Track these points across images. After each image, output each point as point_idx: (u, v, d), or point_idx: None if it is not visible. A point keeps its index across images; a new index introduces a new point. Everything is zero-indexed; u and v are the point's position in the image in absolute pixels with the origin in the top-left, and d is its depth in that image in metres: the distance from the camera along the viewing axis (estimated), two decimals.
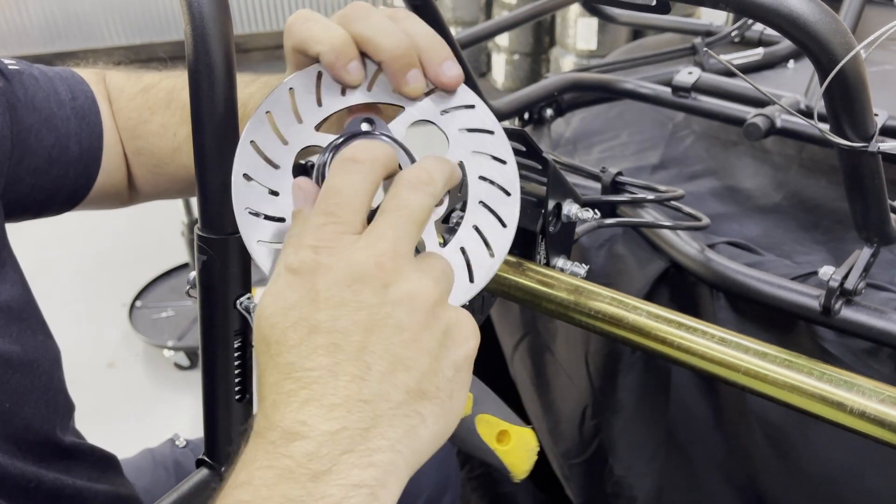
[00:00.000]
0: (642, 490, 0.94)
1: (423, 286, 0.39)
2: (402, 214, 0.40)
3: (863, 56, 0.48)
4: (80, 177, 0.70)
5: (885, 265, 0.76)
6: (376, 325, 0.38)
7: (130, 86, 0.76)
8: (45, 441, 0.62)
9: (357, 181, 0.40)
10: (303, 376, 0.37)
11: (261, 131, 0.46)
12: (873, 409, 0.49)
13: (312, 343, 0.37)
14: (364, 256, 0.38)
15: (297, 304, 0.38)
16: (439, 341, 0.39)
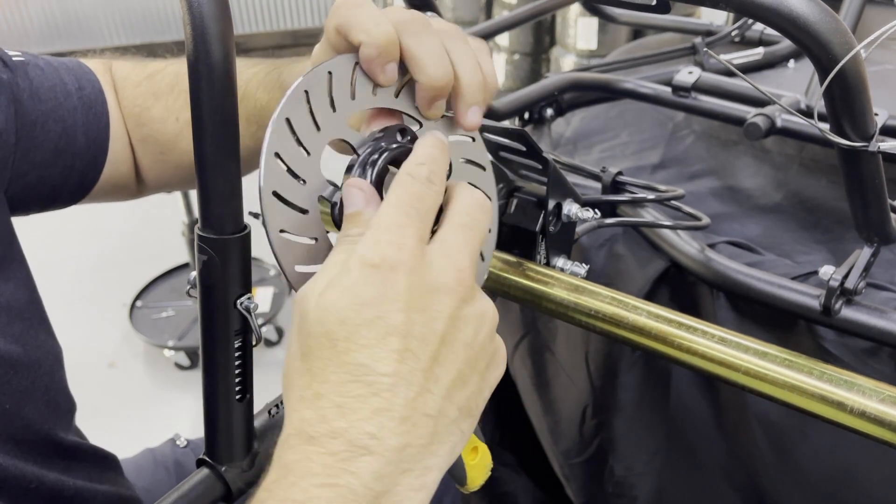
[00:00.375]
0: (643, 490, 0.94)
1: (490, 308, 0.40)
2: (475, 234, 0.41)
3: (863, 56, 0.48)
4: (87, 168, 0.70)
5: (885, 265, 0.76)
6: (449, 338, 0.37)
7: (136, 73, 0.75)
8: (46, 441, 0.62)
9: (434, 196, 0.41)
10: (375, 381, 0.35)
11: (297, 111, 0.43)
12: (873, 408, 0.49)
13: (387, 346, 0.36)
14: (446, 266, 0.38)
15: (374, 300, 0.36)
16: (488, 363, 0.40)
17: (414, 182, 0.40)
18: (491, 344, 0.40)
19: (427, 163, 0.41)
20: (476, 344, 0.38)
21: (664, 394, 0.87)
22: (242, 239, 0.50)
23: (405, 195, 0.40)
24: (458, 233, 0.40)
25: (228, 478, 0.54)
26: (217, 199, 0.48)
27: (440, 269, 0.37)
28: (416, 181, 0.40)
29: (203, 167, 0.47)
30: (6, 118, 0.62)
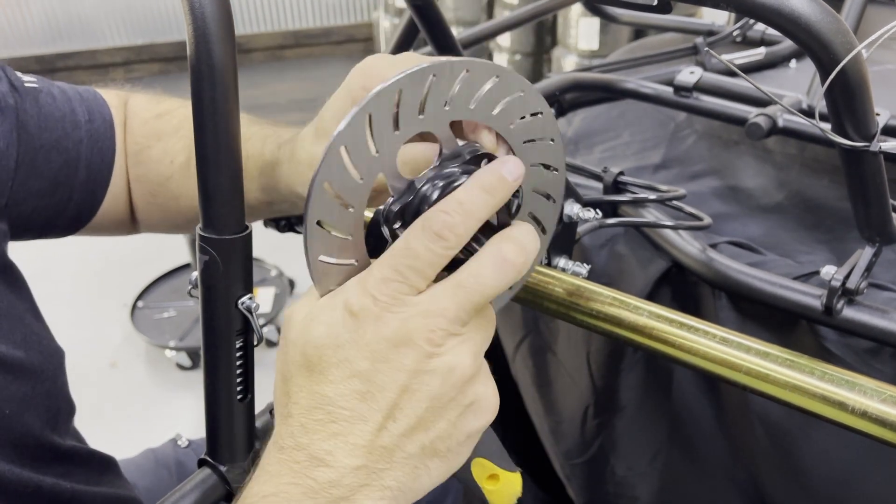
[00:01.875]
0: (644, 490, 0.94)
1: (462, 362, 0.41)
2: (473, 295, 0.41)
3: (864, 56, 0.48)
4: (85, 202, 0.70)
5: (887, 265, 0.76)
6: (411, 389, 0.40)
7: (147, 111, 0.75)
8: (45, 446, 0.62)
9: (439, 251, 0.40)
10: (334, 411, 0.40)
11: (354, 139, 0.41)
12: (875, 408, 0.49)
13: (350, 386, 0.40)
14: (417, 325, 0.40)
15: (347, 344, 0.40)
16: (460, 412, 0.42)
17: (418, 234, 0.40)
18: (463, 395, 0.41)
19: (450, 212, 0.40)
20: (444, 396, 0.41)
21: (666, 394, 0.87)
22: (244, 239, 0.50)
23: (403, 248, 0.40)
24: (448, 292, 0.40)
25: (230, 478, 0.54)
26: (218, 199, 0.49)
27: (413, 327, 0.40)
28: (421, 235, 0.40)
29: (204, 167, 0.48)
30: (7, 144, 0.61)
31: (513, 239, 0.42)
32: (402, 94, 0.41)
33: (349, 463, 0.39)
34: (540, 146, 0.46)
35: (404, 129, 0.42)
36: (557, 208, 0.49)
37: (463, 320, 0.41)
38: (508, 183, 0.42)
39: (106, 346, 2.39)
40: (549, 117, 0.46)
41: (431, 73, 0.41)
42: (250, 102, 3.86)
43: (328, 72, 4.40)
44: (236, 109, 0.48)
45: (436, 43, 0.83)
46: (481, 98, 0.43)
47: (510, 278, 0.41)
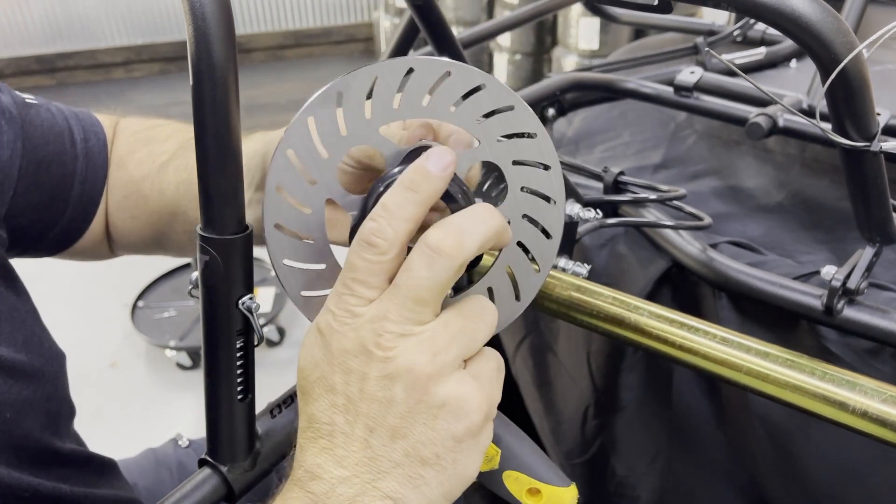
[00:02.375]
0: (644, 490, 0.94)
1: (418, 361, 0.40)
2: (409, 290, 0.40)
3: (865, 55, 0.48)
4: (77, 218, 0.70)
5: (888, 265, 0.76)
6: (376, 397, 0.41)
7: (138, 124, 0.76)
8: (45, 450, 0.61)
9: (374, 259, 0.40)
10: (320, 428, 0.42)
11: (323, 113, 0.42)
12: (875, 408, 0.49)
13: (330, 401, 0.42)
14: (367, 332, 0.40)
15: (320, 362, 0.42)
16: (433, 414, 0.41)
17: (354, 248, 0.41)
18: (429, 395, 0.40)
19: (376, 217, 0.40)
20: (409, 399, 0.40)
21: (666, 394, 0.87)
22: (244, 239, 0.50)
23: (347, 263, 0.42)
24: (387, 295, 0.41)
25: (230, 478, 0.54)
26: (219, 199, 0.48)
27: (364, 334, 0.41)
28: (356, 247, 0.41)
29: (205, 167, 0.47)
30: (11, 153, 0.62)
31: (442, 225, 0.41)
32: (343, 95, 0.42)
33: (338, 474, 0.41)
34: (521, 144, 0.44)
35: (334, 154, 0.43)
36: (559, 210, 0.46)
37: (410, 319, 0.40)
38: (433, 175, 0.41)
39: (106, 345, 2.39)
40: (524, 112, 0.44)
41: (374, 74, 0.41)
42: (250, 102, 3.86)
43: (328, 72, 4.40)
44: (237, 109, 0.47)
45: (436, 43, 0.83)
46: (437, 95, 0.42)
47: (443, 264, 0.40)
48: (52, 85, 4.27)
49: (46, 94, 2.41)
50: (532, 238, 0.46)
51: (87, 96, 4.18)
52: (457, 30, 3.57)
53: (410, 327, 0.40)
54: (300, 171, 0.42)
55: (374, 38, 4.52)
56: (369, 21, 4.56)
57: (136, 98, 4.14)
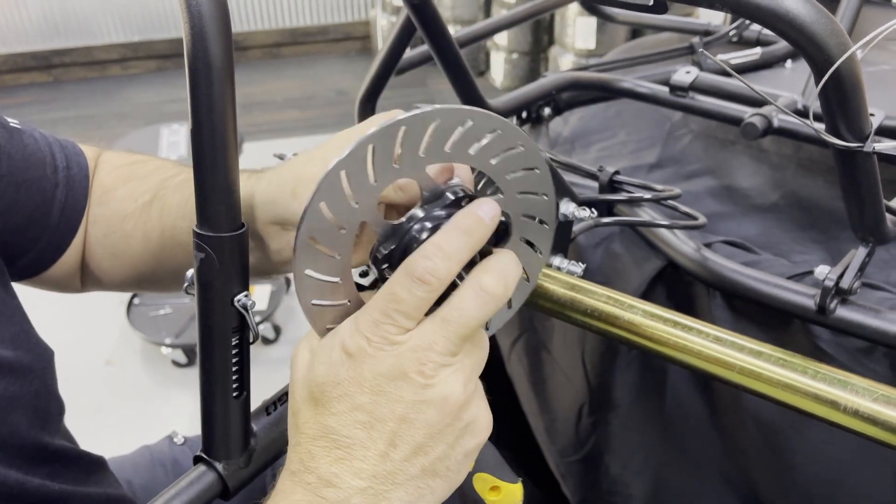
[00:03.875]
0: (638, 488, 0.94)
1: (454, 390, 0.44)
2: (459, 328, 0.43)
3: (858, 56, 0.48)
4: (51, 245, 0.69)
5: (881, 265, 0.77)
6: (408, 419, 0.43)
7: (120, 159, 0.75)
8: (32, 447, 0.61)
9: (422, 295, 0.43)
10: (338, 440, 0.44)
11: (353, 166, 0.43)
12: (867, 407, 0.49)
13: (353, 417, 0.44)
14: (409, 360, 0.43)
15: (346, 381, 0.44)
16: (457, 435, 0.45)
17: (403, 282, 0.43)
18: (459, 420, 0.45)
19: (431, 256, 0.43)
20: (441, 423, 0.44)
21: (660, 393, 0.88)
22: (239, 237, 0.50)
23: (390, 294, 0.43)
24: (435, 328, 0.43)
25: (226, 474, 0.54)
26: (214, 197, 0.49)
27: (405, 362, 0.43)
28: (405, 280, 0.43)
29: (201, 165, 0.48)
30: None
31: (491, 270, 0.45)
32: (375, 148, 0.43)
33: (355, 484, 0.43)
34: (529, 178, 0.49)
35: (381, 181, 0.44)
36: (550, 233, 0.52)
37: (452, 351, 0.44)
38: (485, 224, 0.45)
39: (102, 343, 2.39)
40: (532, 150, 0.48)
41: (402, 126, 0.43)
42: (247, 100, 3.85)
43: (325, 70, 4.40)
44: (232, 107, 0.48)
45: (432, 41, 0.83)
46: (456, 141, 0.45)
47: (492, 307, 0.44)
48: (48, 82, 4.26)
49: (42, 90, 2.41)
50: (526, 255, 0.51)
51: (83, 93, 4.17)
52: (454, 28, 3.57)
53: (450, 359, 0.44)
54: (343, 195, 0.44)
55: (371, 37, 4.51)
56: (366, 19, 4.55)
57: (132, 95, 4.13)
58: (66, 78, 4.29)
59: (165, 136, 2.46)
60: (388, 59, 0.91)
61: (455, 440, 0.45)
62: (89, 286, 0.76)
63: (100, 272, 0.73)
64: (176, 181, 0.68)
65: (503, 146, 0.47)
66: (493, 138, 0.46)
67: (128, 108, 4.00)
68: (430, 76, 3.91)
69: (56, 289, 0.74)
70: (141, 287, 0.75)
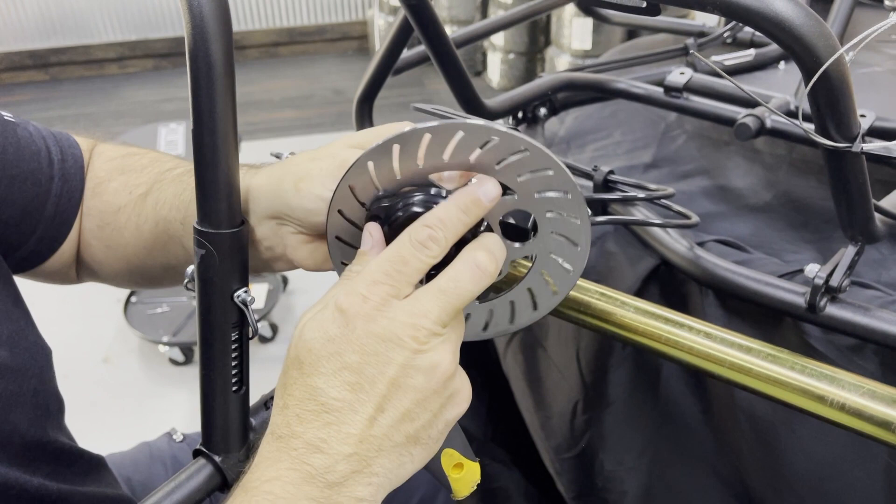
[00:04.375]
0: (632, 484, 0.95)
1: (445, 359, 0.45)
2: (453, 299, 0.45)
3: (847, 58, 0.49)
4: (47, 238, 0.69)
5: (872, 264, 0.77)
6: (398, 382, 0.44)
7: (114, 151, 0.75)
8: (32, 445, 0.61)
9: (424, 259, 0.46)
10: (327, 402, 0.44)
11: (381, 159, 0.48)
12: (853, 401, 0.50)
13: (341, 378, 0.44)
14: (403, 324, 0.44)
15: (336, 338, 0.44)
16: (441, 403, 0.46)
17: (406, 245, 0.46)
18: (445, 389, 0.46)
19: (432, 225, 0.46)
20: (427, 389, 0.45)
21: (653, 390, 0.89)
22: (240, 234, 0.51)
23: (393, 255, 0.46)
24: (431, 296, 0.45)
25: (225, 468, 0.55)
26: (215, 194, 0.50)
27: (399, 325, 0.44)
28: (409, 244, 0.46)
29: (201, 162, 0.48)
30: None
31: (485, 248, 0.47)
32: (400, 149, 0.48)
33: (342, 450, 0.43)
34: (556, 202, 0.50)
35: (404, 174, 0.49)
36: (583, 252, 0.53)
37: (444, 322, 0.45)
38: (483, 204, 0.47)
39: (99, 341, 2.39)
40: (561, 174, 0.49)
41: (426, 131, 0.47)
42: (244, 99, 3.86)
43: (322, 69, 4.40)
44: (233, 105, 0.48)
45: (429, 42, 0.84)
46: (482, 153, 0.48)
47: (484, 283, 0.47)
48: (46, 80, 4.26)
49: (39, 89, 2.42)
50: (555, 269, 0.53)
51: (80, 92, 4.17)
52: (450, 29, 3.58)
53: (441, 329, 0.45)
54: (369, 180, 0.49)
55: (369, 36, 4.52)
56: (363, 19, 4.56)
57: (130, 94, 4.13)
58: (63, 77, 4.28)
59: (163, 135, 2.46)
60: (385, 59, 0.92)
61: (439, 409, 0.46)
62: (86, 278, 0.76)
63: (95, 263, 0.73)
64: (174, 174, 0.69)
65: (531, 167, 0.49)
66: (520, 158, 0.48)
67: (125, 106, 4.00)
68: (427, 76, 3.92)
69: (53, 281, 0.75)
70: (133, 280, 0.75)
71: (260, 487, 0.43)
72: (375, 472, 0.44)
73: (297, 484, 0.43)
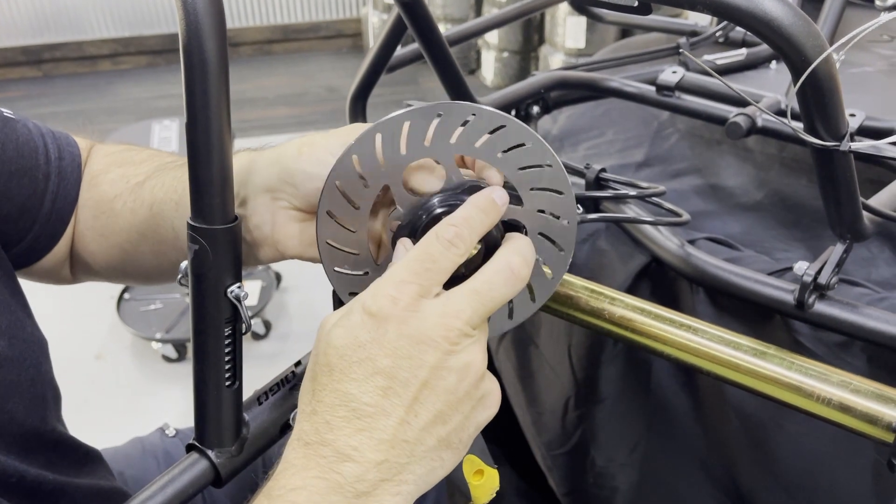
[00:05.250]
0: (623, 480, 0.96)
1: (477, 360, 0.45)
2: (487, 301, 0.45)
3: (835, 58, 0.50)
4: (44, 235, 0.69)
5: (862, 262, 0.78)
6: (430, 384, 0.44)
7: (112, 148, 0.76)
8: (30, 434, 0.62)
9: (452, 257, 0.46)
10: (358, 408, 0.43)
11: (365, 150, 0.50)
12: (840, 396, 0.50)
13: (373, 383, 0.43)
14: (435, 324, 0.44)
15: (367, 344, 0.44)
16: (473, 406, 0.46)
17: (433, 243, 0.46)
18: (477, 390, 0.46)
19: (458, 224, 0.46)
20: (459, 391, 0.45)
21: (645, 387, 0.89)
22: (233, 229, 0.51)
23: (421, 254, 0.46)
24: (465, 297, 0.45)
25: (218, 462, 0.55)
26: (208, 189, 0.50)
27: (431, 325, 0.43)
28: (436, 242, 0.46)
29: (195, 158, 0.49)
30: None
31: (520, 253, 0.48)
32: (410, 125, 0.49)
33: (374, 458, 0.43)
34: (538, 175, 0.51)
35: (411, 154, 0.50)
36: (572, 228, 0.53)
37: (475, 324, 0.45)
38: (498, 207, 0.49)
39: (92, 338, 2.39)
40: (558, 169, 0.51)
41: (438, 111, 0.49)
42: (238, 97, 3.85)
43: (316, 67, 4.40)
44: (227, 102, 0.49)
45: (423, 39, 0.84)
46: (488, 140, 0.49)
47: (517, 287, 0.47)
48: (39, 77, 4.24)
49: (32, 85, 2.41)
50: (547, 250, 0.53)
51: (73, 88, 4.15)
52: (444, 27, 3.58)
53: (472, 330, 0.45)
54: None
55: (363, 34, 4.52)
56: (357, 17, 4.56)
57: (123, 91, 4.12)
58: (56, 73, 4.27)
59: (157, 132, 2.45)
60: (379, 57, 0.92)
61: (471, 411, 0.46)
62: (79, 275, 0.76)
63: (87, 255, 0.73)
64: (173, 165, 0.69)
65: (532, 159, 0.50)
66: (528, 147, 0.50)
67: (119, 103, 3.99)
68: (420, 74, 3.92)
69: (46, 280, 0.74)
70: (126, 272, 0.74)
71: (285, 496, 0.42)
72: (405, 479, 0.44)
73: (323, 494, 0.42)
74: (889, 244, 0.80)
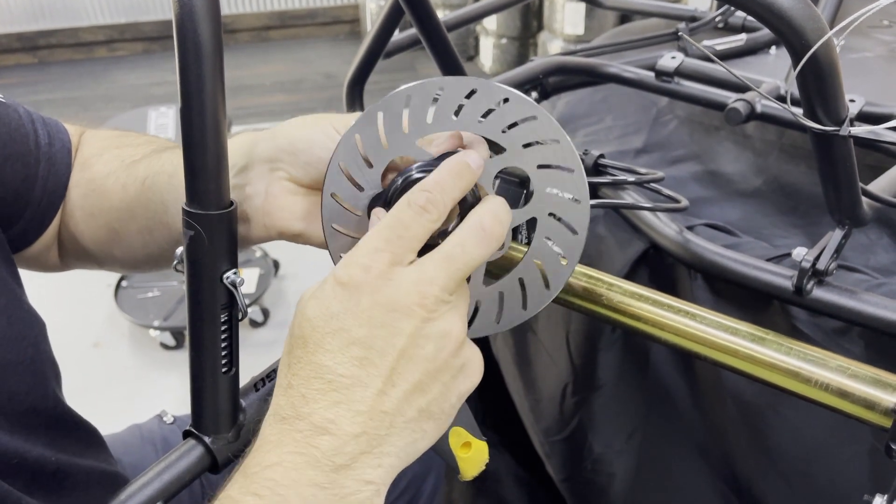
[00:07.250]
0: (621, 467, 0.96)
1: (455, 326, 0.44)
2: (461, 265, 0.44)
3: (835, 42, 0.49)
4: (35, 220, 0.69)
5: (860, 248, 0.78)
6: (409, 353, 0.43)
7: (105, 133, 0.75)
8: (31, 412, 0.62)
9: (425, 223, 0.44)
10: (334, 380, 0.42)
11: (367, 130, 0.50)
12: (837, 381, 0.50)
13: (348, 354, 0.42)
14: (409, 292, 0.43)
15: (340, 314, 0.43)
16: (453, 374, 0.45)
17: (405, 210, 0.44)
18: (456, 358, 0.45)
19: (431, 190, 0.45)
20: (438, 359, 0.44)
21: (642, 373, 0.89)
22: (228, 215, 0.51)
23: (392, 221, 0.44)
24: (438, 262, 0.44)
25: (214, 448, 0.55)
26: (203, 175, 0.49)
27: (405, 292, 0.42)
28: (408, 208, 0.44)
29: (190, 144, 0.48)
30: None
31: (490, 211, 0.46)
32: (411, 98, 0.49)
33: (351, 430, 0.42)
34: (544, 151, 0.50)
35: (413, 132, 0.50)
36: (584, 208, 0.51)
37: (451, 289, 0.44)
38: (472, 170, 0.47)
39: (90, 325, 2.39)
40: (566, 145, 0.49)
41: (438, 87, 0.48)
42: (235, 83, 3.83)
43: (313, 53, 4.38)
44: (222, 87, 0.48)
45: (420, 25, 0.83)
46: (492, 116, 0.49)
47: (491, 247, 0.45)
48: (34, 63, 4.22)
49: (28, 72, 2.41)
50: (559, 233, 0.51)
51: (69, 75, 4.13)
52: (442, 12, 3.55)
53: (448, 296, 0.44)
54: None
55: (360, 20, 4.50)
56: (355, 3, 4.53)
57: (119, 78, 4.10)
58: (51, 60, 4.25)
59: (153, 119, 2.44)
60: (376, 43, 0.91)
61: (451, 379, 0.45)
62: (66, 258, 0.76)
63: (75, 235, 0.72)
64: (173, 148, 0.69)
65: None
66: (533, 122, 0.49)
67: (114, 90, 3.97)
68: (418, 60, 3.91)
69: (34, 267, 0.74)
70: (112, 254, 0.73)
71: (261, 473, 0.42)
72: (386, 451, 0.43)
73: (300, 469, 0.41)
74: (888, 230, 0.80)
